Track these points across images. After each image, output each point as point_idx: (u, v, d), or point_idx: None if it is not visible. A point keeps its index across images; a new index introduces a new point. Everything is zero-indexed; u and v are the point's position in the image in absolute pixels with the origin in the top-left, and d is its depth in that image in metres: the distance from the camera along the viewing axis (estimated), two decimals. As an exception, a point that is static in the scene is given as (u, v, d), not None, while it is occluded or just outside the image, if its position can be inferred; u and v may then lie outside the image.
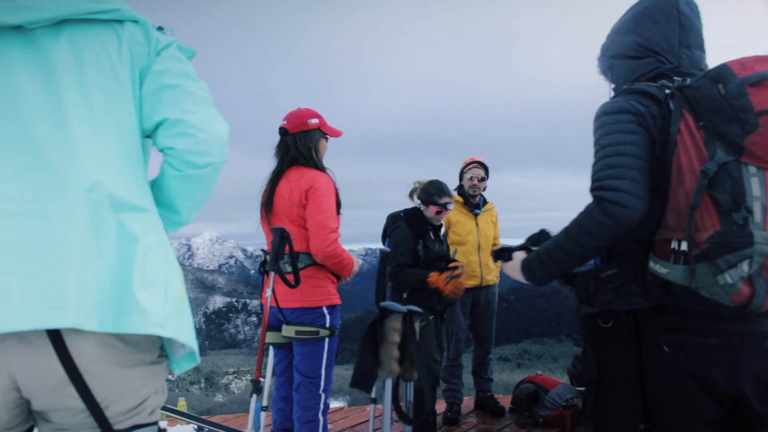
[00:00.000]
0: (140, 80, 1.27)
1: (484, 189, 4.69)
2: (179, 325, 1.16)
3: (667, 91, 1.57)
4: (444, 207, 3.71)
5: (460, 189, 4.69)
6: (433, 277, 3.49)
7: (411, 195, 3.89)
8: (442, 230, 3.96)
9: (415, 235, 3.69)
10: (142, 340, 1.15)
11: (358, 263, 3.04)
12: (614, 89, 1.83)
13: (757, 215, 1.36)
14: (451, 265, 3.65)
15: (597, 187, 1.54)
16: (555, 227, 1.71)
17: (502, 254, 1.89)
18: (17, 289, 0.99)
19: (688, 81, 1.53)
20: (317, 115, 2.98)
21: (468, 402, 4.81)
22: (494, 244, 4.75)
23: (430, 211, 3.74)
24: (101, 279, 1.06)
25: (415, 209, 3.85)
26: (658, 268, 1.50)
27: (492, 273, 4.63)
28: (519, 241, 1.90)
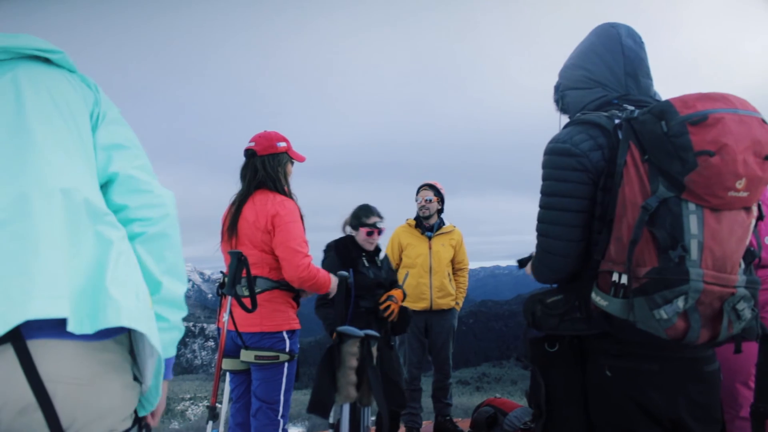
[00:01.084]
0: (92, 127, 1.29)
1: (439, 211, 4.72)
2: (151, 328, 1.14)
3: (617, 121, 1.61)
4: (373, 226, 3.66)
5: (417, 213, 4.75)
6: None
7: (343, 227, 3.85)
8: (381, 254, 3.85)
9: (344, 265, 3.65)
10: (117, 358, 1.14)
11: (335, 281, 3.06)
12: (569, 117, 1.90)
13: (694, 253, 1.39)
14: (391, 293, 3.66)
15: (537, 237, 1.76)
16: (514, 251, 1.82)
17: (526, 261, 2.09)
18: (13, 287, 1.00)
19: (636, 113, 1.57)
20: (285, 139, 3.01)
21: (427, 426, 4.81)
22: (460, 268, 4.79)
23: (361, 235, 3.70)
24: (76, 279, 1.06)
25: (345, 238, 3.82)
26: (598, 299, 1.56)
27: (447, 297, 4.59)
28: (483, 263, 2.11)
